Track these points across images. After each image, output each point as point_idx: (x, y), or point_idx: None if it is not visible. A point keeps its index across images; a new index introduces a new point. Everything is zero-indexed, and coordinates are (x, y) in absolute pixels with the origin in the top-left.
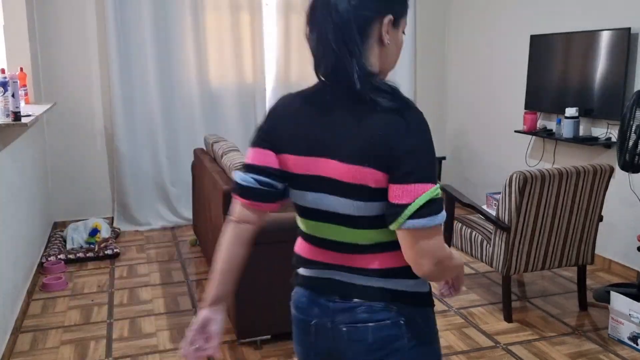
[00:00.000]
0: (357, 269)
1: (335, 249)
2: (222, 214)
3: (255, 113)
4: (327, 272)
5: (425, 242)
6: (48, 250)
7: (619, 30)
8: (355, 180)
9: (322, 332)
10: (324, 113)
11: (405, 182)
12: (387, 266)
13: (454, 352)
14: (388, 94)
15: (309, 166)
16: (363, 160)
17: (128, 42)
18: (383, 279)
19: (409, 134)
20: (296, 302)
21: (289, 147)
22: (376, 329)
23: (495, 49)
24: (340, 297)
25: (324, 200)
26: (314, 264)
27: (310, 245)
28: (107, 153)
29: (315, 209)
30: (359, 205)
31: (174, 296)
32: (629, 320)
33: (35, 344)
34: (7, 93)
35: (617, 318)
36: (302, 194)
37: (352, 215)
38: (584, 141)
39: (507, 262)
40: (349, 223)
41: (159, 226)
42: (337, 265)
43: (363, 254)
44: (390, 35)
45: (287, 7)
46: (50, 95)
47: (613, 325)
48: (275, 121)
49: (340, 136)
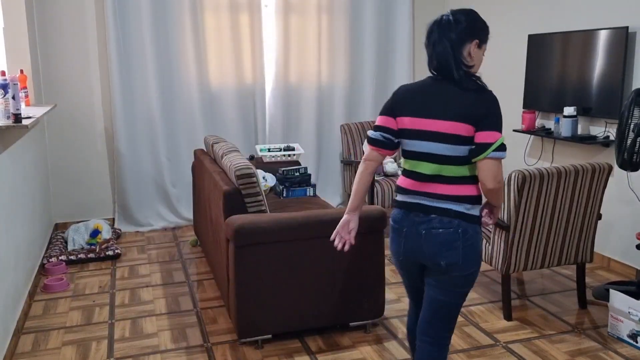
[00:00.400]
0: (436, 195)
1: (425, 180)
2: (223, 214)
3: (255, 113)
4: (416, 197)
5: (496, 168)
6: (49, 251)
7: (616, 29)
8: (452, 131)
9: (410, 236)
10: (433, 91)
11: (489, 130)
12: (455, 194)
13: (455, 351)
14: (472, 81)
15: (421, 124)
16: (459, 118)
17: (128, 44)
18: (451, 202)
19: (487, 103)
20: (394, 217)
21: (408, 112)
22: (443, 233)
23: (493, 49)
24: (423, 213)
25: (427, 145)
26: (409, 192)
27: (408, 179)
28: (108, 154)
29: (418, 151)
30: (450, 147)
31: (175, 296)
32: (628, 318)
33: (37, 345)
34: (7, 95)
35: (617, 316)
36: (412, 142)
37: (444, 154)
38: (582, 140)
39: (506, 261)
40: (440, 161)
41: (159, 227)
42: (423, 192)
43: (442, 184)
44: (474, 52)
45: (287, 8)
46: (50, 97)
47: (612, 323)
48: (398, 98)
49: (444, 104)
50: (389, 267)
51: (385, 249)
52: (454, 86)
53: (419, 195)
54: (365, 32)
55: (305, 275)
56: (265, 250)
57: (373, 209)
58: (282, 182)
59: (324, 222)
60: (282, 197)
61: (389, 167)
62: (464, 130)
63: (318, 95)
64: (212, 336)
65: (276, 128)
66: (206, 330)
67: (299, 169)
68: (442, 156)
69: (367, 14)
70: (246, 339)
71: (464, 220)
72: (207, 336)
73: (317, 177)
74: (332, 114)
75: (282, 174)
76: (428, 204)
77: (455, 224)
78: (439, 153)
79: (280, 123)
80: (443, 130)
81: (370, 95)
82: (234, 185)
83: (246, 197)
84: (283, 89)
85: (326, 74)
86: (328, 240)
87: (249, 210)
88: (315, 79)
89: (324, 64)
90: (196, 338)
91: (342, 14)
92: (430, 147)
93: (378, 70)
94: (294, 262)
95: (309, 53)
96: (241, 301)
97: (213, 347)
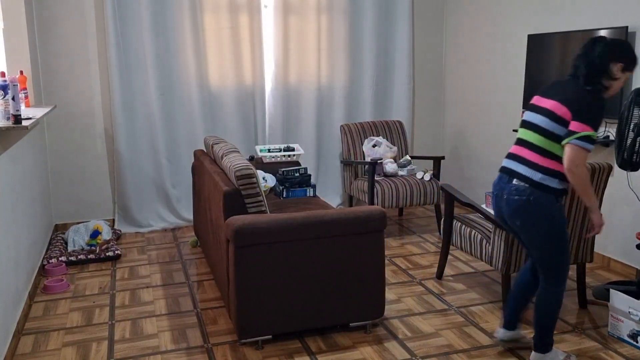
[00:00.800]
0: (525, 160)
1: (524, 145)
2: (223, 215)
3: (255, 114)
4: (511, 163)
5: (575, 154)
6: (49, 252)
7: (616, 29)
8: (553, 109)
9: (497, 199)
10: (561, 84)
11: (580, 122)
12: (539, 163)
13: (455, 351)
14: (589, 88)
15: (539, 101)
16: (562, 101)
17: (127, 45)
18: (532, 170)
19: (588, 103)
20: (494, 181)
21: (538, 92)
22: (518, 199)
23: (493, 49)
24: (508, 178)
25: (537, 117)
26: (510, 156)
27: (514, 145)
28: (108, 155)
29: (530, 122)
30: (549, 122)
31: (175, 297)
32: (628, 318)
33: (37, 346)
34: (7, 96)
35: (617, 316)
36: (527, 113)
37: (545, 127)
38: None
39: (506, 261)
40: (540, 132)
41: (159, 227)
42: (518, 156)
43: (531, 150)
44: (617, 74)
45: (286, 9)
46: (50, 98)
47: (613, 323)
48: (541, 88)
49: (559, 92)
50: (389, 267)
51: (385, 249)
52: (575, 85)
53: (513, 160)
54: (365, 33)
55: (305, 275)
56: (265, 250)
57: (373, 209)
58: (282, 182)
59: (324, 222)
60: (282, 197)
61: (389, 167)
62: (561, 111)
63: (318, 96)
64: (212, 337)
65: (276, 128)
66: (206, 330)
67: (299, 169)
68: (541, 128)
69: (367, 15)
70: (246, 340)
71: (537, 188)
72: (207, 337)
73: (317, 177)
74: (332, 115)
75: (282, 175)
76: (512, 167)
77: (528, 192)
78: (540, 125)
79: (280, 123)
80: (548, 107)
81: (370, 96)
82: (234, 186)
83: (246, 197)
84: (283, 90)
85: (326, 75)
86: (328, 240)
87: (249, 211)
88: (315, 79)
89: (324, 65)
90: (196, 339)
91: (341, 15)
92: (538, 119)
93: (378, 71)
94: (294, 262)
95: (309, 53)
96: (241, 302)
97: (213, 348)
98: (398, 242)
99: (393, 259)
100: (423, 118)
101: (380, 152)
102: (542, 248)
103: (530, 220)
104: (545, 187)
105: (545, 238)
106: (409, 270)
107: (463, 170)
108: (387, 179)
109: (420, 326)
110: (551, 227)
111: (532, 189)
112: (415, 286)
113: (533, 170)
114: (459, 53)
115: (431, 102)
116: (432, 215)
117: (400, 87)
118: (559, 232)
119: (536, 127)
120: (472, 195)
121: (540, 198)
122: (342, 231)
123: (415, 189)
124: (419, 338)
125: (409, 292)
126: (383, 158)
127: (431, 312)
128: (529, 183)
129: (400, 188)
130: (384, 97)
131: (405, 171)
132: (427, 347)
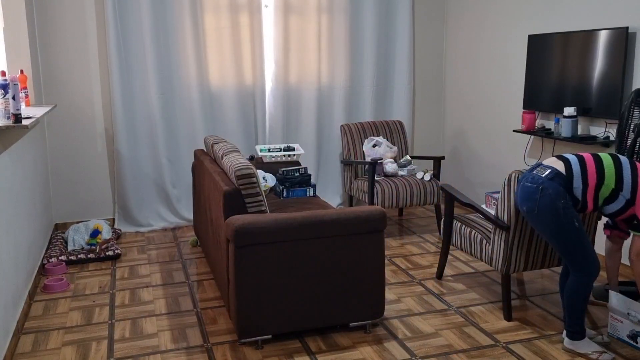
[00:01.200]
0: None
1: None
2: (223, 214)
3: (255, 114)
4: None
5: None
6: (49, 251)
7: (616, 30)
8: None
9: (518, 184)
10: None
11: None
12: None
13: (454, 351)
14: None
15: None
16: None
17: (128, 44)
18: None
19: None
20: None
21: None
22: (530, 187)
23: (493, 49)
24: (530, 170)
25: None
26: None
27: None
28: (108, 154)
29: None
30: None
31: (175, 297)
32: (627, 319)
33: (37, 345)
34: (7, 95)
35: (616, 316)
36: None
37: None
38: (582, 140)
39: (506, 261)
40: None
41: (159, 227)
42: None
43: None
44: None
45: (287, 9)
46: (50, 97)
47: (612, 324)
48: None
49: None
50: (389, 267)
51: (385, 249)
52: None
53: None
54: (365, 33)
55: (305, 275)
56: (265, 250)
57: (373, 209)
58: (282, 182)
59: (324, 222)
60: (282, 197)
61: (389, 167)
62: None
63: (318, 96)
64: (212, 336)
65: (276, 128)
66: (206, 330)
67: (299, 169)
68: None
69: (367, 14)
70: (246, 339)
71: (549, 180)
72: (207, 336)
73: (317, 177)
74: (332, 114)
75: (282, 174)
76: (538, 162)
77: (540, 182)
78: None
79: (280, 123)
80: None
81: (370, 96)
82: (234, 186)
83: (246, 197)
84: (283, 89)
85: (326, 74)
86: (328, 240)
87: (249, 211)
88: (316, 79)
89: (324, 64)
90: (196, 338)
91: (342, 14)
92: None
93: (378, 71)
94: (294, 262)
95: (309, 53)
96: (241, 301)
97: (213, 348)
98: (398, 242)
99: (393, 259)
100: (423, 118)
101: (381, 152)
102: (554, 240)
103: (535, 208)
104: (553, 178)
105: (554, 231)
106: (408, 271)
107: (463, 170)
108: (387, 179)
109: (420, 326)
110: (556, 220)
111: (546, 180)
112: (415, 286)
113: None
114: (459, 53)
115: (431, 102)
116: (432, 215)
117: (400, 87)
118: (567, 226)
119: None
120: (472, 195)
121: (548, 189)
122: (342, 231)
123: (415, 189)
124: (419, 338)
125: (409, 292)
126: (383, 158)
127: (431, 312)
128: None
129: (400, 188)
130: (384, 97)
131: (405, 171)
132: (426, 347)
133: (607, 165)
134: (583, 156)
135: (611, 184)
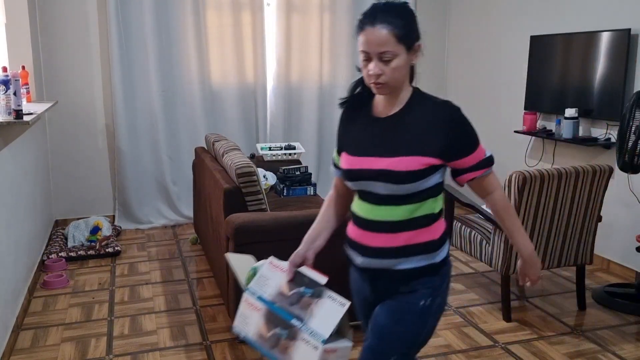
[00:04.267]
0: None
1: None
2: (223, 212)
3: (257, 112)
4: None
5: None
6: (49, 248)
7: (618, 31)
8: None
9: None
10: None
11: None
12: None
13: (453, 351)
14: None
15: None
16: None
17: (129, 41)
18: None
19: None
20: None
21: None
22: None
23: (495, 50)
24: None
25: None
26: None
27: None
28: (109, 151)
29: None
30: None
31: (174, 294)
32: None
33: (36, 341)
34: (9, 91)
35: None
36: None
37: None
38: (583, 142)
39: (506, 262)
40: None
41: (159, 224)
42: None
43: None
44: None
45: (289, 7)
46: (52, 93)
47: None
48: None
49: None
50: None
51: None
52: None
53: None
54: None
55: None
56: (265, 248)
57: None
58: (282, 180)
59: None
60: (283, 195)
61: None
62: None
63: (319, 94)
64: (211, 334)
65: (277, 127)
66: (205, 328)
67: (300, 167)
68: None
69: None
70: None
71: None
72: (206, 334)
73: (317, 176)
74: (333, 113)
75: (283, 173)
76: None
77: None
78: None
79: (281, 122)
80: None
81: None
82: (234, 184)
83: (247, 195)
84: (284, 88)
85: (328, 73)
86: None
87: (250, 209)
88: (317, 77)
89: (326, 63)
90: (195, 336)
91: (344, 13)
92: None
93: None
94: None
95: (311, 52)
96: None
97: (212, 345)
98: None
99: None
100: None
101: None
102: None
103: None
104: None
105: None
106: None
107: None
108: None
109: None
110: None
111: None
112: None
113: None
114: (460, 53)
115: None
116: None
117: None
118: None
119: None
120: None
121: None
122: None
123: None
124: None
125: None
126: None
127: None
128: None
129: None
130: None
131: None
132: (425, 347)
133: None
134: None
135: None
